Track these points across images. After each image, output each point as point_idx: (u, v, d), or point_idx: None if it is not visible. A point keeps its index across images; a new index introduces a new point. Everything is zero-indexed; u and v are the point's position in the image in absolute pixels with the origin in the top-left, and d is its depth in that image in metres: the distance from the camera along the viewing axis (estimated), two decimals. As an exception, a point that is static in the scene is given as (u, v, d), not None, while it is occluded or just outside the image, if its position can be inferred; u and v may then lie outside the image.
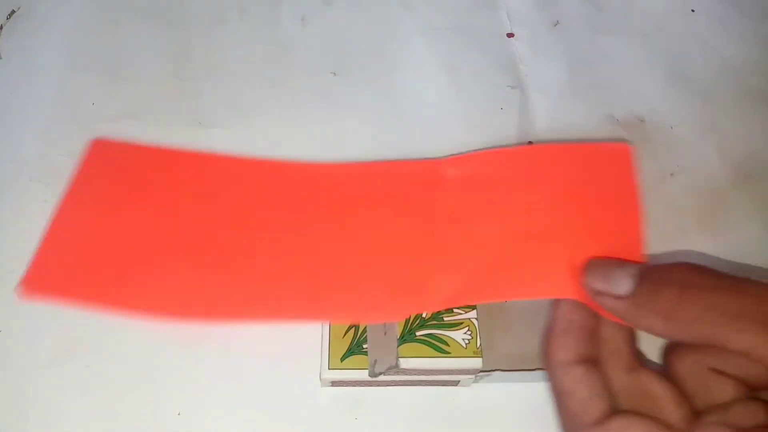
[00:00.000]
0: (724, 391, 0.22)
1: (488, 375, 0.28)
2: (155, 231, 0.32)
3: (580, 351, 0.23)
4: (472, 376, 0.28)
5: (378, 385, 0.29)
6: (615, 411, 0.22)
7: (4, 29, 0.40)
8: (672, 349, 0.23)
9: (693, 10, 0.42)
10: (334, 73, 0.39)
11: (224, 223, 0.32)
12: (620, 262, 0.24)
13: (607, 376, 0.23)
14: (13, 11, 0.41)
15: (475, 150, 0.33)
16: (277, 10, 0.42)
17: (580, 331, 0.24)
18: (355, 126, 0.36)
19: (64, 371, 0.29)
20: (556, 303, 0.25)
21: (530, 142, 0.36)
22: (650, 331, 0.22)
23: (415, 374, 0.27)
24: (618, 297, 0.23)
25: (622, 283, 0.23)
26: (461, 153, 0.33)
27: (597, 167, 0.30)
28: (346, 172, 0.34)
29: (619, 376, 0.24)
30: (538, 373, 0.28)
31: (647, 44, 0.40)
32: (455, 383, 0.29)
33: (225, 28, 0.41)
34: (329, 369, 0.27)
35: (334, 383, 0.28)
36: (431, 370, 0.27)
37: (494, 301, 0.28)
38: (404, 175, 0.34)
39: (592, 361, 0.23)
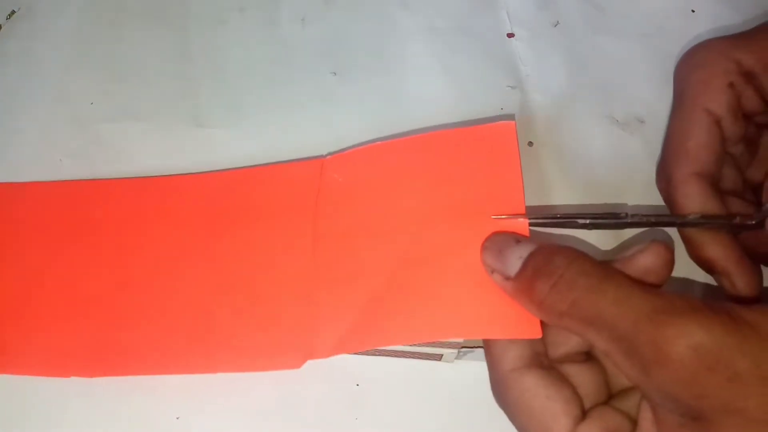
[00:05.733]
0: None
1: (471, 351, 0.28)
2: (30, 277, 0.30)
3: (525, 353, 0.23)
4: (455, 351, 0.28)
5: (360, 353, 0.29)
6: (581, 417, 0.21)
7: (3, 29, 0.40)
8: None
9: (693, 11, 0.42)
10: (334, 73, 0.39)
11: (90, 257, 0.30)
12: (517, 241, 0.23)
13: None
14: (13, 11, 0.41)
15: (359, 144, 0.32)
16: (277, 10, 0.42)
17: None
18: (355, 126, 0.36)
19: (64, 371, 0.29)
20: None
21: (530, 143, 0.36)
22: (533, 314, 0.22)
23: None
24: (507, 278, 0.23)
25: (512, 265, 0.23)
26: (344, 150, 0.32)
27: (481, 151, 0.28)
28: (210, 184, 0.32)
29: None
30: None
31: (647, 44, 0.40)
32: (438, 357, 0.29)
33: (225, 28, 0.41)
34: None
35: None
36: None
37: (392, 346, 0.27)
38: (279, 182, 0.31)
39: (543, 364, 0.22)
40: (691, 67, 0.29)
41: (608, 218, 0.26)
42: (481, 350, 0.28)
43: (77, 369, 0.28)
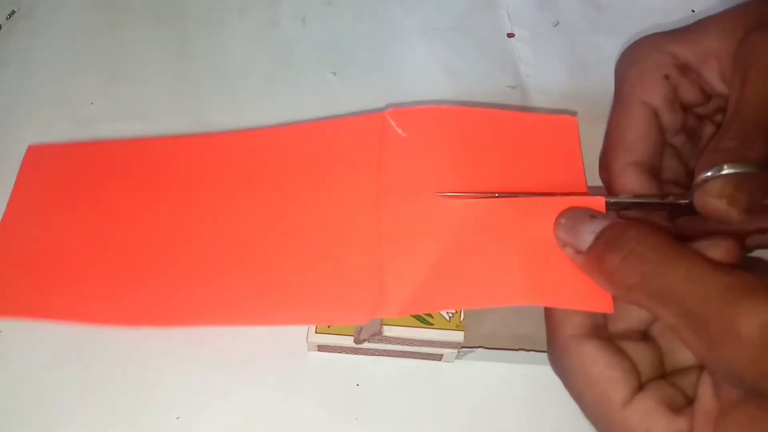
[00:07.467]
0: (687, 355, 0.22)
1: (471, 351, 0.28)
2: (101, 233, 0.31)
3: (587, 322, 0.23)
4: (455, 351, 0.28)
5: (363, 354, 0.29)
6: (638, 388, 0.22)
7: (3, 29, 0.40)
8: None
9: (693, 11, 0.42)
10: (334, 73, 0.39)
11: (162, 214, 0.31)
12: (591, 216, 0.24)
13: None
14: (13, 11, 0.41)
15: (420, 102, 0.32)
16: (277, 10, 0.42)
17: None
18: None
19: (64, 372, 0.29)
20: None
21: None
22: (602, 287, 0.23)
23: (398, 344, 0.28)
24: (579, 251, 0.23)
25: (585, 239, 0.23)
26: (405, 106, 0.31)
27: (543, 136, 0.29)
28: (271, 139, 0.32)
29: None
30: (522, 353, 0.28)
31: (647, 44, 0.40)
32: (438, 357, 0.29)
33: (225, 28, 0.41)
34: (316, 333, 0.27)
35: (321, 348, 0.28)
36: (414, 340, 0.27)
37: (461, 309, 0.27)
38: (342, 135, 0.31)
39: (602, 336, 0.23)
40: (628, 61, 0.29)
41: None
42: (481, 350, 0.28)
43: (148, 319, 0.29)
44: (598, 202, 0.25)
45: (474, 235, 0.26)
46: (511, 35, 0.41)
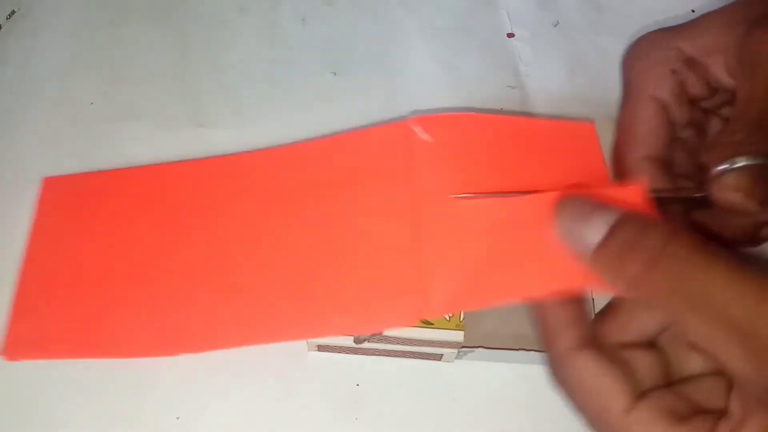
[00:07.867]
0: (695, 364, 0.22)
1: (471, 351, 0.28)
2: (125, 263, 0.30)
3: (581, 334, 0.22)
4: (455, 351, 0.28)
5: (363, 354, 0.29)
6: (639, 396, 0.21)
7: (3, 29, 0.40)
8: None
9: (693, 11, 0.42)
10: (334, 73, 0.39)
11: (192, 239, 0.31)
12: (598, 206, 0.22)
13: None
14: (13, 11, 0.41)
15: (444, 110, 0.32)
16: (277, 10, 0.42)
17: (577, 305, 0.23)
18: (355, 126, 0.36)
19: (64, 372, 0.29)
20: None
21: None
22: (614, 291, 0.22)
23: (398, 343, 0.28)
24: (587, 246, 0.21)
25: (595, 233, 0.21)
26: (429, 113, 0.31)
27: (565, 145, 0.30)
28: (299, 155, 0.33)
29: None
30: (522, 353, 0.29)
31: (647, 44, 0.40)
32: (438, 357, 0.29)
33: (225, 28, 0.41)
34: None
35: (321, 348, 0.29)
36: (414, 340, 0.27)
37: (498, 305, 0.26)
38: (370, 145, 0.31)
39: (598, 345, 0.22)
40: (634, 57, 0.30)
41: None
42: (481, 350, 0.28)
43: (185, 346, 0.28)
44: (635, 192, 0.24)
45: (510, 232, 0.26)
46: (511, 35, 0.41)
